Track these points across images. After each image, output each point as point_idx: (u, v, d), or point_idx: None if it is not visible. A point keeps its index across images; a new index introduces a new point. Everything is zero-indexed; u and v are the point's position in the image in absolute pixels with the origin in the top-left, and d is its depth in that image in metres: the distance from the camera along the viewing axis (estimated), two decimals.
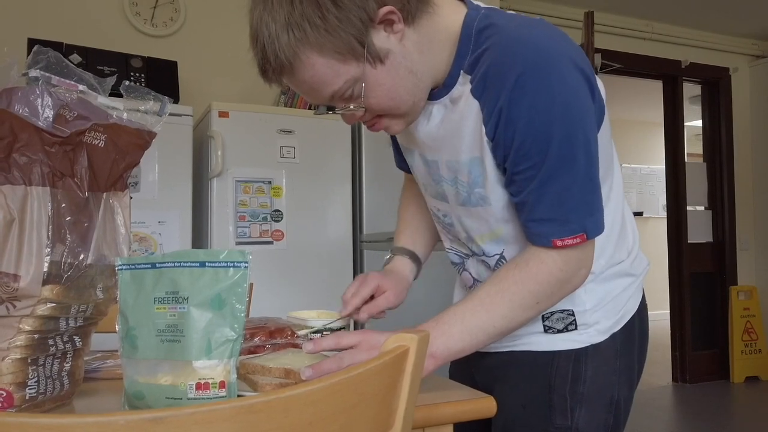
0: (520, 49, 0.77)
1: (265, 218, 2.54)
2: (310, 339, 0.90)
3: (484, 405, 0.78)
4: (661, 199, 6.91)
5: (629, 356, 0.95)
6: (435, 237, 1.16)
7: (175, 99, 2.65)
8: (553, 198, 0.79)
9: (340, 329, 1.00)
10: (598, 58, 3.57)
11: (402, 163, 1.16)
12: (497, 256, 0.93)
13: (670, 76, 4.61)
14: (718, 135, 4.76)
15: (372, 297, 1.00)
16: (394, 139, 1.11)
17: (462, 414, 0.77)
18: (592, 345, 0.92)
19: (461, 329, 0.81)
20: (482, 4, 0.87)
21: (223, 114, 2.52)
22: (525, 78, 0.75)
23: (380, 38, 0.77)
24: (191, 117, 2.52)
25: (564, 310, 0.91)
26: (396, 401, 0.55)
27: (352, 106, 0.81)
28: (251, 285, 1.60)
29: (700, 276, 4.60)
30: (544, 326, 0.92)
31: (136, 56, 2.65)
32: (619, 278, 0.95)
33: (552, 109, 0.76)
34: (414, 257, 1.09)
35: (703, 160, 4.85)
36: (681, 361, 4.50)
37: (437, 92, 0.86)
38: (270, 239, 2.55)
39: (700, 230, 4.65)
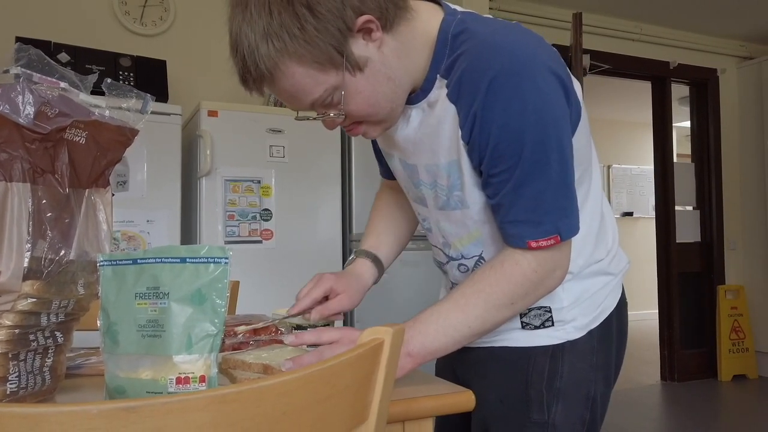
0: (494, 54, 0.78)
1: (254, 217, 2.54)
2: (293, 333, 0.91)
3: (462, 399, 0.79)
4: (651, 199, 6.96)
5: (606, 353, 0.96)
6: (402, 242, 1.17)
7: (164, 98, 2.64)
8: (528, 201, 0.80)
9: (325, 326, 1.00)
10: (586, 59, 3.59)
11: (386, 172, 1.17)
12: (476, 258, 0.94)
13: (659, 77, 4.64)
14: (707, 135, 4.80)
15: (326, 298, 1.00)
16: (376, 147, 1.12)
17: (441, 408, 0.78)
18: (568, 341, 0.93)
19: (437, 329, 0.82)
20: (459, 9, 0.88)
21: (212, 113, 2.52)
22: (498, 82, 0.76)
23: (359, 47, 0.77)
24: (180, 116, 2.52)
25: (541, 307, 0.93)
26: (370, 394, 0.56)
27: (332, 113, 0.82)
28: (237, 283, 1.60)
29: (688, 275, 4.63)
30: (522, 323, 0.94)
31: (125, 55, 2.65)
32: (597, 276, 0.96)
33: (525, 114, 0.77)
34: (376, 261, 1.10)
35: (691, 161, 4.89)
36: (669, 359, 4.53)
37: (415, 96, 0.87)
38: (259, 238, 2.55)
39: (688, 230, 4.69)
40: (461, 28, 0.82)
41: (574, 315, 0.93)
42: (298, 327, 1.03)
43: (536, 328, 0.93)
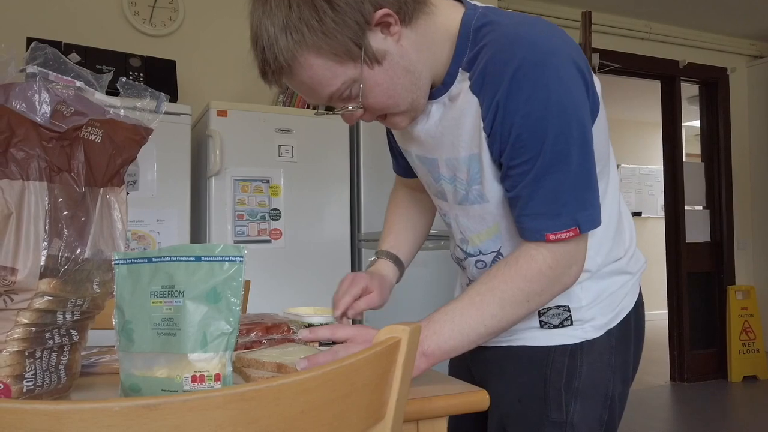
0: (518, 45, 0.78)
1: (263, 217, 2.55)
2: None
3: (477, 398, 0.78)
4: (660, 199, 6.92)
5: (625, 353, 0.96)
6: (420, 240, 1.18)
7: (174, 98, 2.65)
8: (546, 193, 0.80)
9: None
10: (595, 58, 3.58)
11: (399, 168, 1.17)
12: (494, 253, 0.94)
13: (668, 76, 4.61)
14: (716, 135, 4.77)
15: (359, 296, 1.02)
16: (391, 143, 1.13)
17: (455, 407, 0.77)
18: (587, 341, 0.92)
19: (452, 328, 0.81)
20: (479, 4, 0.88)
21: (222, 113, 2.52)
22: (522, 73, 0.76)
23: (377, 40, 0.78)
24: (189, 116, 2.52)
25: (560, 306, 0.92)
26: (387, 392, 0.56)
27: (350, 107, 0.82)
28: (248, 282, 1.61)
29: (698, 275, 4.60)
30: (540, 322, 0.93)
31: (135, 55, 2.66)
32: (616, 276, 0.95)
33: (548, 105, 0.77)
34: (397, 261, 1.12)
35: (701, 160, 4.86)
36: (679, 360, 4.51)
37: (436, 91, 0.87)
38: (268, 238, 2.55)
39: (698, 230, 4.66)
40: (484, 21, 0.83)
41: (593, 314, 0.93)
42: (311, 325, 1.03)
43: (555, 327, 0.92)
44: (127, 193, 0.78)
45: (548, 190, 0.80)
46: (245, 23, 0.81)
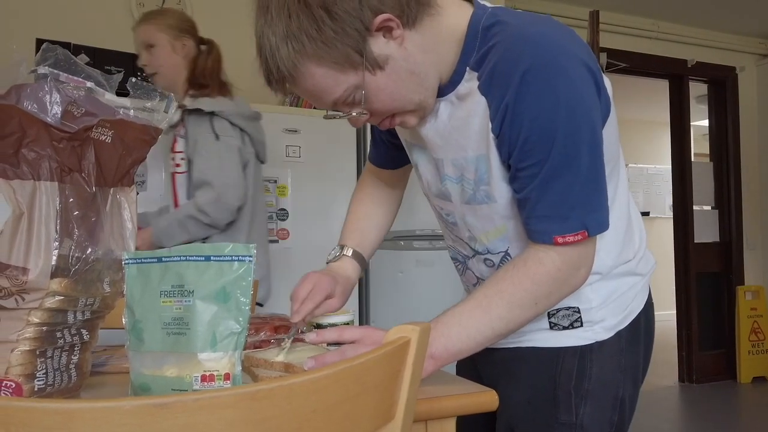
0: (527, 46, 0.77)
1: (270, 217, 2.55)
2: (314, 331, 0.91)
3: (486, 399, 0.78)
4: (668, 199, 6.88)
5: (635, 354, 0.95)
6: (382, 238, 1.18)
7: None
8: (555, 195, 0.79)
9: (346, 324, 1.01)
10: (603, 57, 3.57)
11: (378, 158, 1.17)
12: (502, 254, 0.93)
13: (677, 75, 4.59)
14: (725, 134, 4.74)
15: None
16: (374, 131, 1.13)
17: (464, 407, 0.77)
18: (597, 342, 0.92)
19: (459, 331, 0.81)
20: (488, 4, 0.88)
21: None
22: (531, 74, 0.76)
23: (379, 45, 0.77)
24: None
25: (570, 308, 0.92)
26: (398, 392, 0.56)
27: (354, 113, 0.82)
28: (255, 282, 1.61)
29: (706, 276, 4.58)
30: (550, 323, 0.93)
31: None
32: (626, 277, 0.95)
33: (557, 107, 0.76)
34: (362, 261, 1.11)
35: (709, 160, 4.83)
36: (687, 361, 4.48)
37: (443, 89, 0.87)
38: (275, 238, 2.56)
39: (706, 230, 4.64)
40: (493, 21, 0.82)
41: (603, 315, 0.92)
42: (318, 326, 1.03)
43: (565, 328, 0.92)
44: (137, 193, 0.79)
45: (557, 192, 0.79)
46: (252, 25, 0.82)
